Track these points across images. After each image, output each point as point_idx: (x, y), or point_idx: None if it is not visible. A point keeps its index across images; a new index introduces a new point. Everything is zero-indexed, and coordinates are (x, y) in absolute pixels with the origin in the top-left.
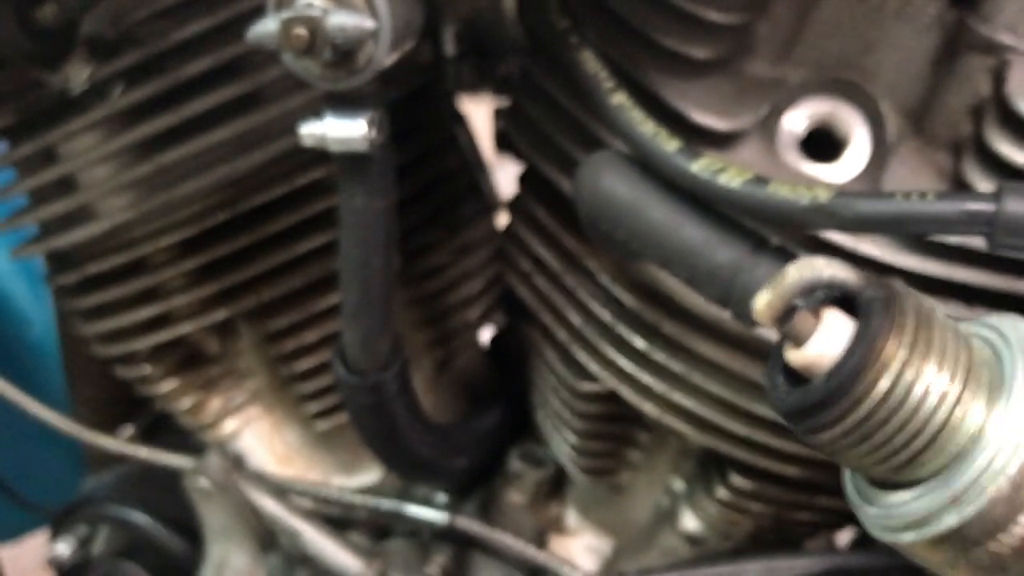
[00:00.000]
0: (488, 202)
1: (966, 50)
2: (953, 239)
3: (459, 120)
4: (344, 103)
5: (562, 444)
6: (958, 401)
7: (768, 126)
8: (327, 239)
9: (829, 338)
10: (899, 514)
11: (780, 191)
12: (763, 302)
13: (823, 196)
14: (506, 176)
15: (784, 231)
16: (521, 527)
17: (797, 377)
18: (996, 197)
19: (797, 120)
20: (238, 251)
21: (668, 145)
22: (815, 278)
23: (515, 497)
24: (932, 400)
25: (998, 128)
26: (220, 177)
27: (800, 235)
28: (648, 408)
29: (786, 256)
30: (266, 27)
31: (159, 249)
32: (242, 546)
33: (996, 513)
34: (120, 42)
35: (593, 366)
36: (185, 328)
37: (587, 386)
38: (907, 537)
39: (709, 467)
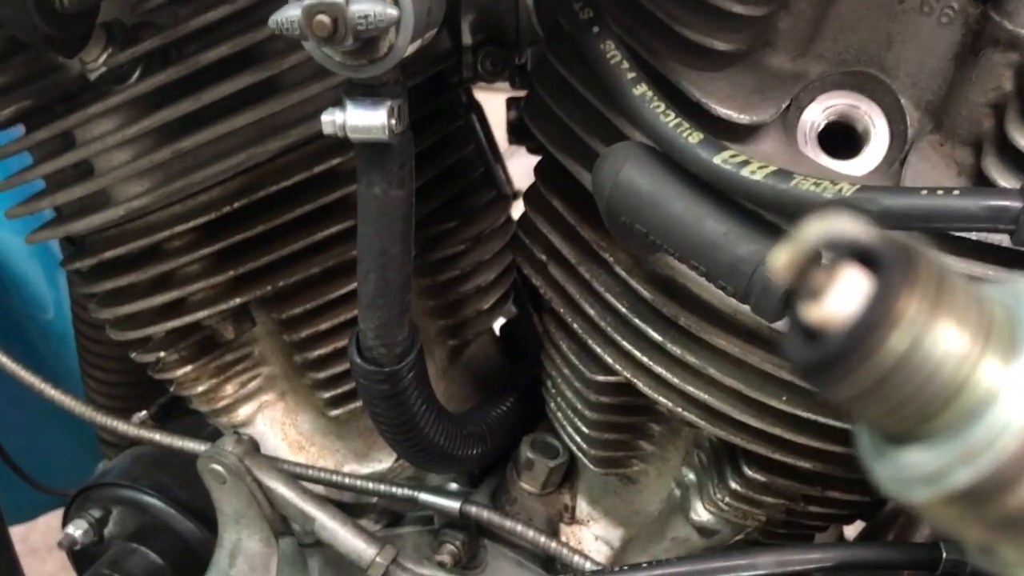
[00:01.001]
0: (501, 191)
1: (988, 45)
2: (973, 234)
3: (474, 109)
4: (365, 91)
5: (574, 434)
6: (975, 360)
7: (788, 119)
8: (343, 227)
9: (845, 294)
10: (911, 470)
11: (804, 185)
12: (780, 258)
13: (847, 190)
14: (518, 165)
15: None
16: (532, 516)
17: (813, 333)
18: (1022, 194)
19: (817, 114)
20: (254, 238)
21: (691, 137)
22: (833, 233)
23: (527, 486)
24: (950, 359)
25: (1020, 124)
26: (237, 164)
27: None
28: (663, 400)
29: None
30: (288, 14)
31: (175, 235)
32: (255, 531)
33: (1008, 470)
34: (138, 28)
35: (608, 357)
36: (200, 314)
37: (601, 377)
38: (919, 493)
39: (722, 459)
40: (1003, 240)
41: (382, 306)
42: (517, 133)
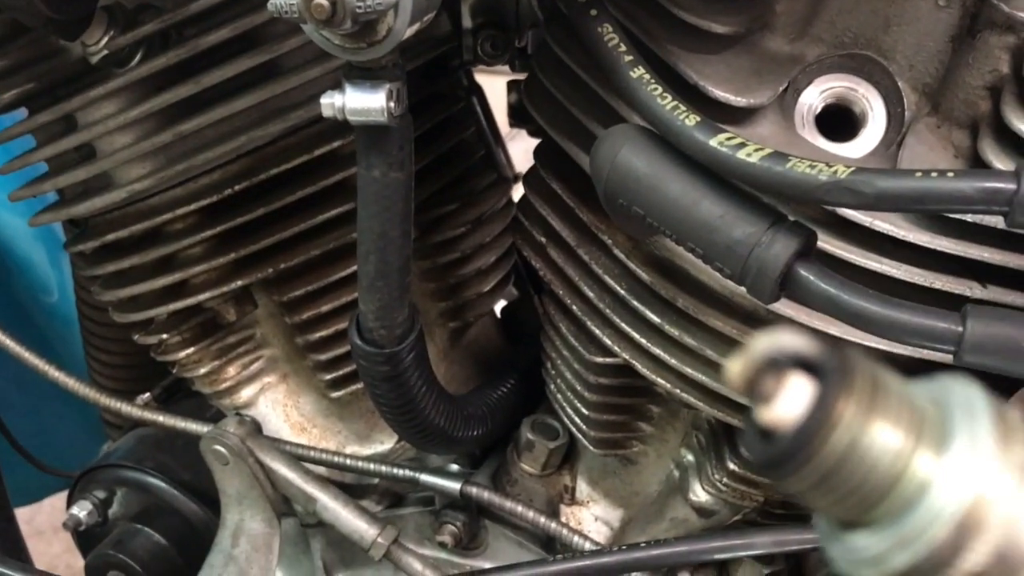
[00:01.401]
0: (502, 174)
1: (986, 28)
2: (968, 216)
3: (474, 92)
4: (364, 74)
5: (574, 415)
6: (909, 454)
7: (785, 102)
8: (343, 209)
9: (792, 399)
10: (858, 553)
11: (799, 167)
12: (734, 369)
13: (842, 173)
14: (518, 148)
15: (802, 207)
16: (533, 497)
17: (767, 433)
18: (1016, 176)
19: (814, 96)
20: (255, 220)
21: (688, 119)
22: (779, 348)
23: (527, 467)
24: (886, 455)
25: (1016, 106)
26: (238, 146)
27: (818, 211)
28: (661, 381)
29: (803, 232)
30: None
31: (177, 217)
32: (258, 512)
33: (941, 553)
34: (139, 11)
35: (607, 339)
36: (202, 296)
37: (600, 358)
38: (866, 574)
39: (720, 440)
40: (998, 222)
41: (382, 288)
42: (518, 116)
